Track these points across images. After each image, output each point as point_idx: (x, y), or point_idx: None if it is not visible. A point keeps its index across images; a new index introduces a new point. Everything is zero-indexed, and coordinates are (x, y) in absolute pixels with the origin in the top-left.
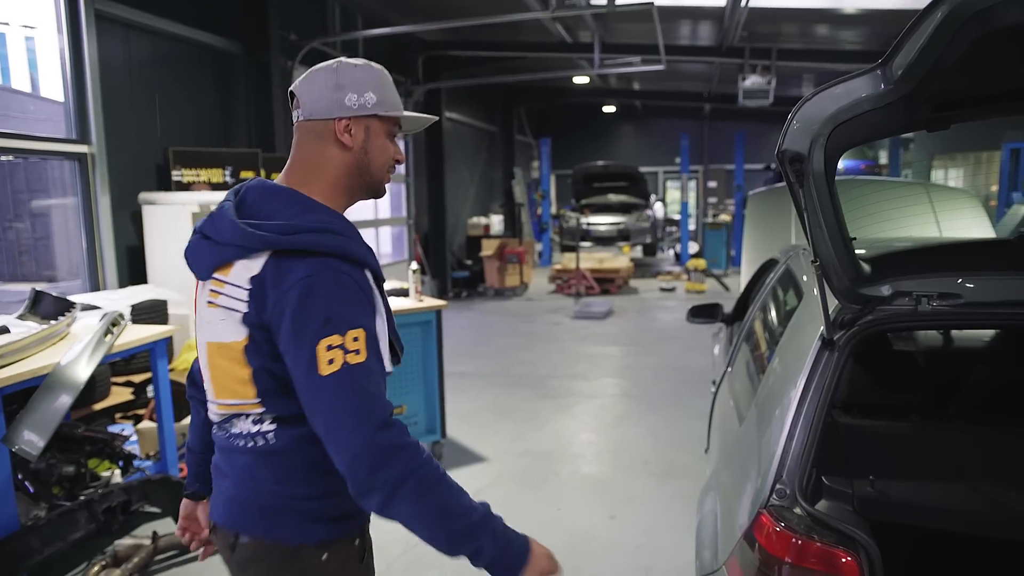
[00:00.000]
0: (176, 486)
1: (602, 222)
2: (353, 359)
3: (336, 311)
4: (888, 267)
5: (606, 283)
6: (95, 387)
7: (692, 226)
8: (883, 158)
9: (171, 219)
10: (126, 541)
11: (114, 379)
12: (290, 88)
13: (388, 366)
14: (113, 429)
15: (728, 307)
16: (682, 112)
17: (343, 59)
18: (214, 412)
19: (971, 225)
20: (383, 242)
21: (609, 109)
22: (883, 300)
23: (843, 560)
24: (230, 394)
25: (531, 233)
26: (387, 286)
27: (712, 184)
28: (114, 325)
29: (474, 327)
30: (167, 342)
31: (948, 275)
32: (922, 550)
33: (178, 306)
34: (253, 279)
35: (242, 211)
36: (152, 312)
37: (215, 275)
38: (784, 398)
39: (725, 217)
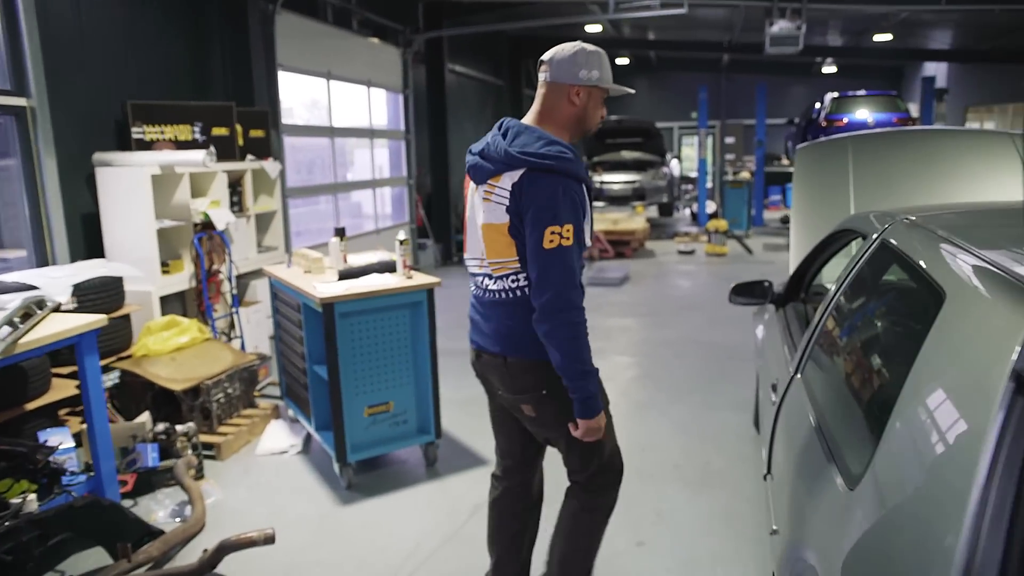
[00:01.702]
0: (111, 511)
1: (616, 180)
2: (566, 243)
3: (560, 210)
4: None
5: (621, 246)
6: (27, 382)
7: (708, 184)
8: (914, 111)
9: (129, 183)
10: None
11: (56, 370)
12: (541, 57)
13: (589, 242)
14: (47, 434)
15: (769, 277)
16: (698, 64)
17: (581, 43)
18: (486, 269)
19: None
20: (382, 204)
21: (622, 62)
22: None
23: None
24: (500, 256)
25: None
26: (371, 258)
27: (729, 140)
28: (27, 315)
29: None
30: (95, 334)
31: None
32: None
33: (138, 282)
34: (514, 185)
35: (506, 139)
36: (103, 291)
37: (489, 181)
38: (935, 460)
39: (746, 175)
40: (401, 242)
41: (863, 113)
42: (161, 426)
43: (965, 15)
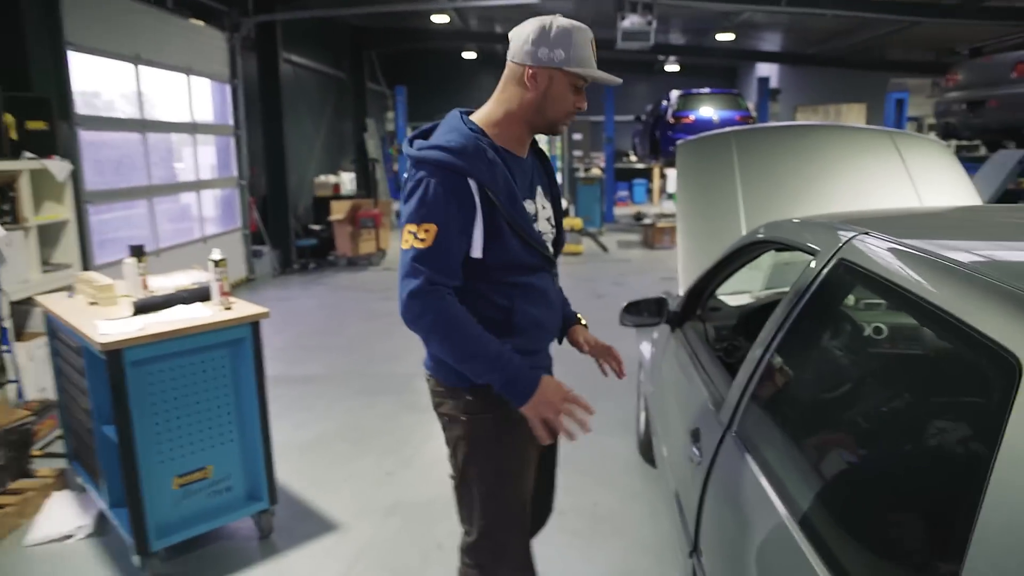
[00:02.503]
0: None
1: None
2: (419, 244)
3: (421, 207)
4: None
5: None
6: None
7: (559, 181)
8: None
9: None
10: None
11: None
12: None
13: (479, 253)
14: None
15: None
16: None
17: (554, 17)
18: None
19: (947, 181)
20: (211, 207)
21: (470, 56)
22: None
23: None
24: None
25: (387, 192)
26: (182, 280)
27: (577, 136)
28: None
29: (323, 308)
30: None
31: None
32: None
33: None
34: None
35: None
36: None
37: None
38: None
39: (596, 171)
40: (216, 263)
41: (708, 111)
42: None
43: (793, 19)
